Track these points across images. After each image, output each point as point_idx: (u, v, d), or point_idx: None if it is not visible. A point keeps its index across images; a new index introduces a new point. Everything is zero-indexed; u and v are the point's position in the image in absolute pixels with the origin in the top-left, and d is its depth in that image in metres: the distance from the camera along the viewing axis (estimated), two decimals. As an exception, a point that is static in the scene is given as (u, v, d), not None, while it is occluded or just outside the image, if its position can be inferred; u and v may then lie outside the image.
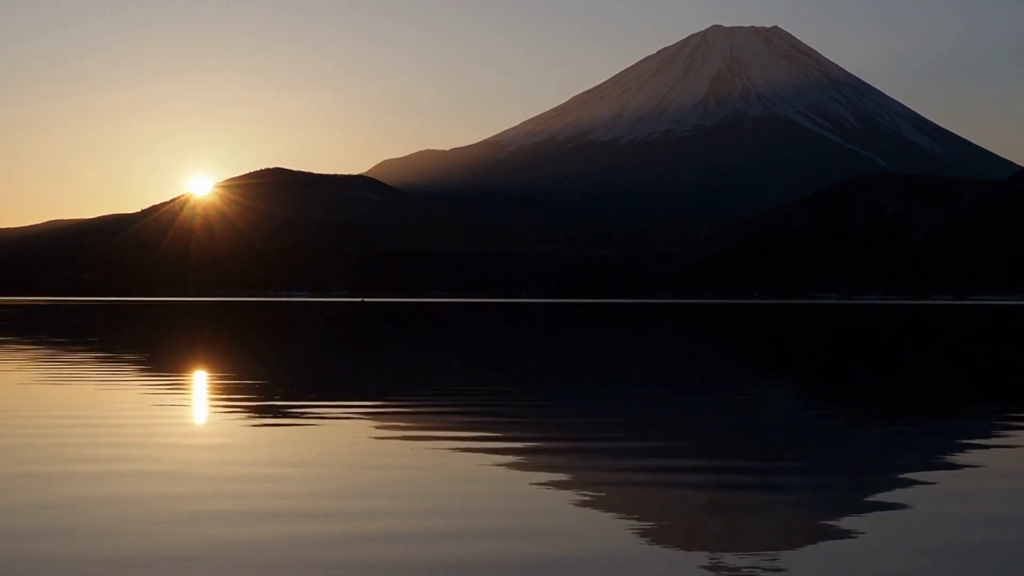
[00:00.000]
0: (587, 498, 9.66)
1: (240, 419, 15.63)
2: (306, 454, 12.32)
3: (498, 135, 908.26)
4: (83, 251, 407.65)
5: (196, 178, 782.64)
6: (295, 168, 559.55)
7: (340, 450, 12.61)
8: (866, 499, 9.72)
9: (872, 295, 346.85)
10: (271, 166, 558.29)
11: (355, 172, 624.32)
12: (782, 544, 8.01)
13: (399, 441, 13.32)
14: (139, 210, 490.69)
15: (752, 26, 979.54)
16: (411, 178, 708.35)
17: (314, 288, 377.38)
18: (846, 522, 8.70)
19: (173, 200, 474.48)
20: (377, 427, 14.70)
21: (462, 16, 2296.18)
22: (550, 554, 7.68)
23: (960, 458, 12.16)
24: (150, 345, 40.19)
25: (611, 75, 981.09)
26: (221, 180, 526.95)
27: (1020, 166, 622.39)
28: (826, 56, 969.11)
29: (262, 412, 16.40)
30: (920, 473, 11.14)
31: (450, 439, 13.40)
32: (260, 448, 12.79)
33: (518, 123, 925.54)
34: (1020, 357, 34.92)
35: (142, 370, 25.20)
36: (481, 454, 12.18)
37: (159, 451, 12.36)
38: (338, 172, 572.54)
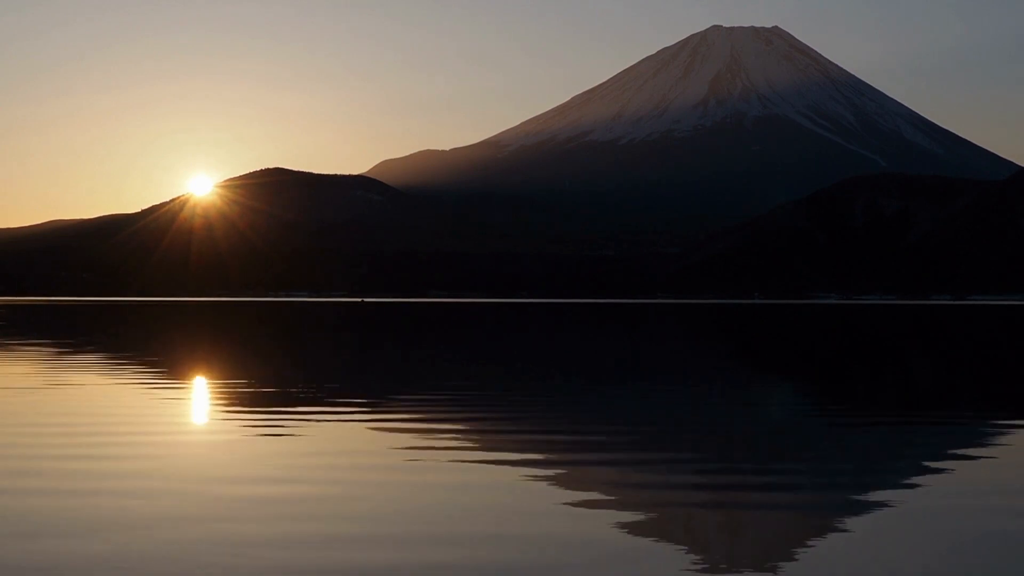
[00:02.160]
0: (584, 498, 9.63)
1: (231, 422, 15.61)
2: (295, 457, 12.29)
3: (498, 135, 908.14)
4: (83, 251, 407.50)
5: (196, 178, 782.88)
6: (295, 168, 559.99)
7: (329, 452, 12.58)
8: (867, 499, 9.69)
9: (872, 295, 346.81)
10: (271, 166, 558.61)
11: (355, 172, 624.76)
12: (782, 545, 7.97)
13: (396, 443, 13.29)
14: (139, 210, 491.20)
15: (752, 26, 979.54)
16: (411, 178, 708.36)
17: (314, 288, 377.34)
18: (847, 523, 8.68)
19: (173, 200, 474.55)
20: (373, 430, 14.67)
21: (462, 16, 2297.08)
22: (545, 555, 7.74)
23: (961, 458, 12.12)
24: (156, 347, 40.12)
25: (611, 75, 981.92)
26: (221, 180, 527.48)
27: (1020, 166, 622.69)
28: (826, 56, 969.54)
29: (261, 416, 16.38)
30: (921, 473, 11.11)
31: (446, 441, 13.37)
32: (243, 449, 12.75)
33: (518, 123, 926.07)
34: (1020, 357, 34.89)
35: (147, 372, 25.15)
36: (475, 451, 12.15)
37: (153, 451, 12.34)
38: (338, 172, 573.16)
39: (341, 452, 12.40)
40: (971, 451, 12.66)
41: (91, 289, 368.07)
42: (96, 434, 13.64)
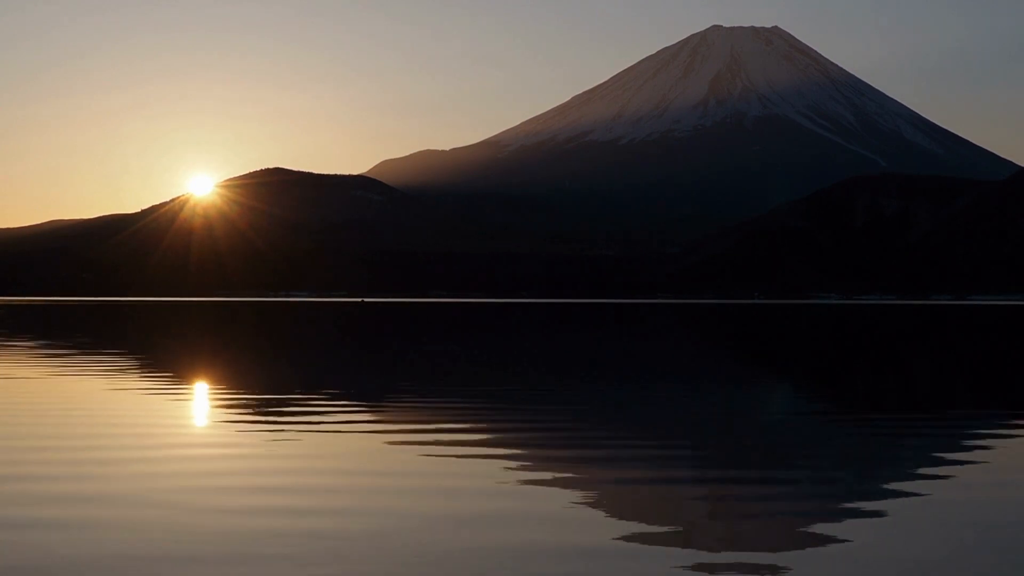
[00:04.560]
0: (584, 498, 9.59)
1: (226, 427, 15.56)
2: (291, 462, 12.24)
3: (498, 135, 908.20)
4: (83, 251, 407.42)
5: (196, 178, 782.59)
6: (295, 168, 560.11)
7: (327, 458, 12.54)
8: (867, 500, 9.64)
9: (872, 295, 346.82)
10: (272, 166, 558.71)
11: (355, 172, 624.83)
12: (782, 546, 7.93)
13: (394, 445, 13.25)
14: (139, 210, 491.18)
15: (752, 26, 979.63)
16: (411, 178, 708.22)
17: (314, 288, 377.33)
18: (847, 523, 8.64)
19: (173, 200, 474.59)
20: (371, 434, 14.62)
21: (462, 16, 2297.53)
22: (540, 551, 7.89)
23: (961, 458, 12.09)
24: (152, 347, 40.04)
25: (611, 75, 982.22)
26: (221, 180, 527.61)
27: (1020, 166, 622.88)
28: (826, 56, 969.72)
29: (258, 421, 16.34)
30: (921, 474, 11.07)
31: (443, 441, 13.35)
32: (238, 458, 12.71)
33: (518, 123, 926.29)
34: (1020, 357, 34.85)
35: (142, 373, 25.09)
36: (472, 459, 12.12)
37: (131, 455, 12.29)
38: (338, 172, 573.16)
39: (336, 458, 12.35)
40: (972, 451, 12.63)
41: (91, 289, 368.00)
42: (75, 437, 13.60)
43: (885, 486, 10.38)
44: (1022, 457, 12.32)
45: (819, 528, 8.50)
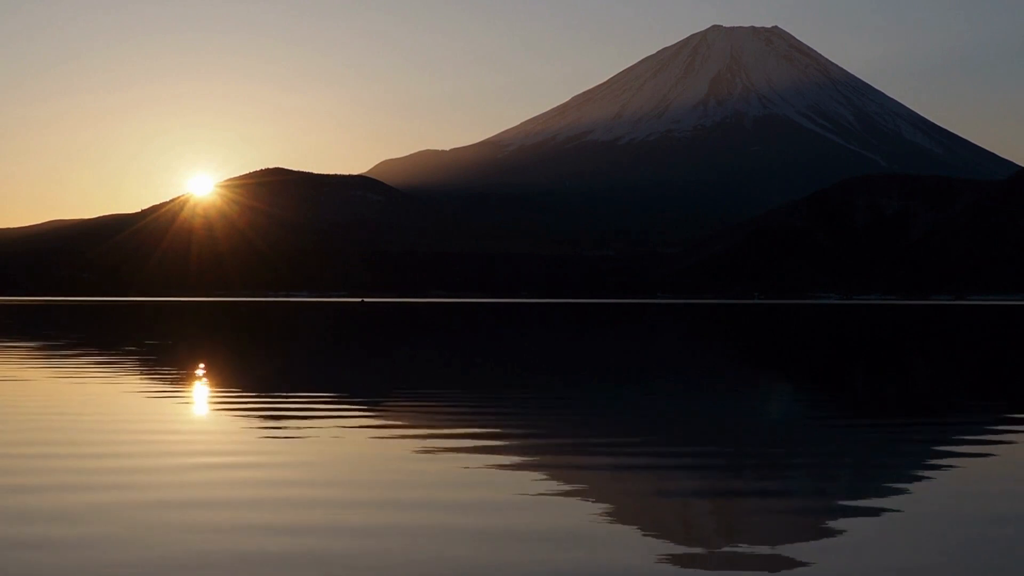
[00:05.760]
0: (585, 498, 9.59)
1: (222, 433, 15.55)
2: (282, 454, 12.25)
3: (498, 135, 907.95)
4: (83, 251, 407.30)
5: (196, 178, 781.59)
6: (295, 168, 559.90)
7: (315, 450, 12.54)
8: (867, 500, 9.65)
9: (872, 295, 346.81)
10: (272, 166, 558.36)
11: (355, 172, 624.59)
12: (782, 546, 7.94)
13: (393, 446, 13.26)
14: (139, 210, 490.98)
15: (752, 26, 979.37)
16: (411, 178, 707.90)
17: (314, 288, 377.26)
18: (847, 524, 8.65)
19: (173, 200, 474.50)
20: (376, 439, 14.63)
21: (462, 16, 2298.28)
22: (543, 559, 7.81)
23: (960, 457, 12.10)
24: (161, 347, 40.04)
25: (611, 75, 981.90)
26: (221, 180, 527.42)
27: (1020, 166, 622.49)
28: (826, 56, 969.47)
29: (254, 422, 16.35)
30: (921, 474, 11.09)
31: (442, 440, 13.35)
32: (215, 441, 12.71)
33: (518, 123, 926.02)
34: (1019, 357, 34.86)
35: (148, 374, 25.09)
36: (472, 454, 12.12)
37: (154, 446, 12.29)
38: (338, 172, 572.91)
39: (341, 467, 12.33)
40: (971, 451, 12.63)
41: (91, 289, 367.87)
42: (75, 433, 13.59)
43: (885, 485, 10.37)
44: (1021, 454, 12.34)
45: (818, 527, 8.52)
